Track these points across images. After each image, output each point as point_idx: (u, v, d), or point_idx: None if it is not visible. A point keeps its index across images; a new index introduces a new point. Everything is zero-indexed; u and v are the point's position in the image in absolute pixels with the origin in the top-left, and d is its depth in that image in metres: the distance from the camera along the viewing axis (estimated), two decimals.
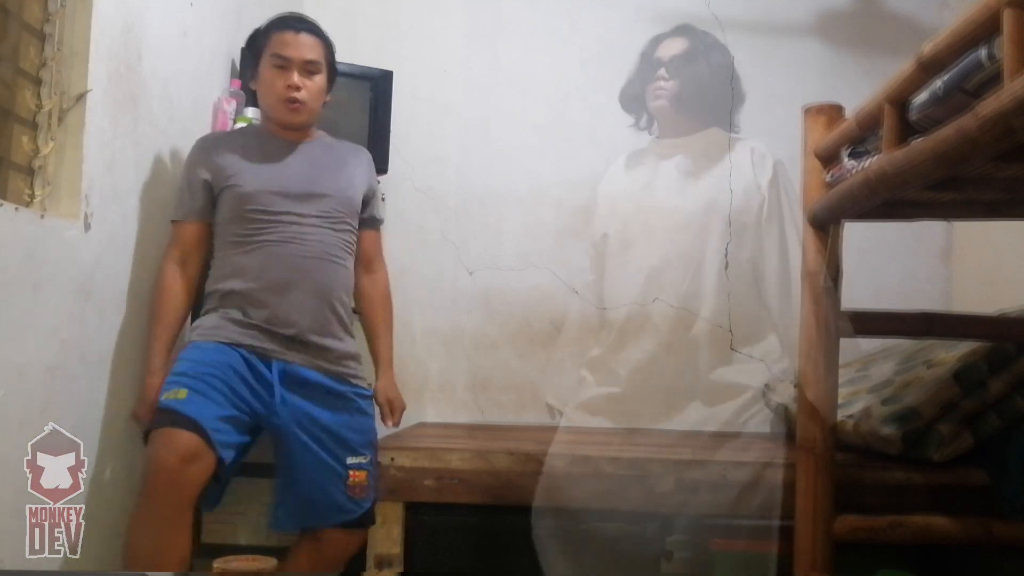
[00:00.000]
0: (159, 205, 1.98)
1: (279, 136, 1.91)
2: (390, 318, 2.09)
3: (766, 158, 2.65)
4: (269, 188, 1.84)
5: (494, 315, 2.80)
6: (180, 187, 1.89)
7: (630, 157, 2.77)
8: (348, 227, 1.94)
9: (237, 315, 1.80)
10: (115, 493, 1.80)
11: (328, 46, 1.91)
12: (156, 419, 1.68)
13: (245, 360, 1.77)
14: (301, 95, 1.85)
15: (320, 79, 1.89)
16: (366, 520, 1.86)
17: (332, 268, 1.88)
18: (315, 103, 1.89)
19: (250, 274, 1.80)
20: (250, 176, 1.84)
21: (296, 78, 1.84)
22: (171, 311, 1.83)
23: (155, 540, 1.58)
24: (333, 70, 1.94)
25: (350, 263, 1.95)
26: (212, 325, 1.80)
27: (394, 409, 2.02)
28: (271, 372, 1.78)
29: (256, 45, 1.89)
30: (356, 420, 1.87)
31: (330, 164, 1.93)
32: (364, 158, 2.02)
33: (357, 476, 1.82)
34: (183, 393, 1.67)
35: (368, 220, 2.03)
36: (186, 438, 1.62)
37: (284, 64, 1.84)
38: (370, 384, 1.99)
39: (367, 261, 2.04)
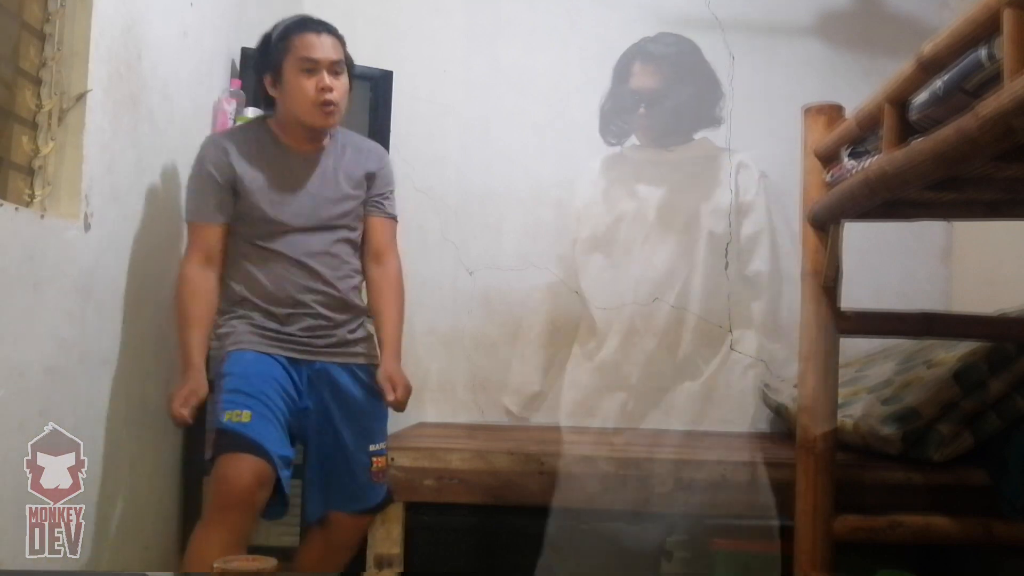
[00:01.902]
0: (159, 205, 1.98)
1: (293, 150, 1.88)
2: (399, 308, 2.00)
3: (750, 171, 2.63)
4: (282, 213, 1.84)
5: (494, 315, 2.80)
6: (193, 187, 1.85)
7: (607, 161, 2.73)
8: (351, 231, 1.92)
9: (265, 323, 1.81)
10: (115, 493, 1.80)
11: (345, 45, 1.89)
12: (223, 441, 1.68)
13: (282, 367, 1.79)
14: (334, 96, 1.82)
15: (345, 79, 1.87)
16: (385, 503, 1.90)
17: (340, 276, 1.88)
18: (344, 103, 1.87)
19: (264, 290, 1.83)
20: (264, 196, 1.83)
21: (327, 79, 1.81)
22: (205, 313, 1.81)
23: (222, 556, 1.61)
24: (352, 69, 1.92)
25: (355, 259, 1.94)
26: (246, 333, 1.80)
27: (396, 384, 1.86)
28: (301, 376, 1.81)
29: (275, 51, 1.84)
30: (374, 407, 1.89)
31: (338, 179, 1.91)
32: (373, 157, 1.98)
33: (379, 462, 1.86)
34: (247, 416, 1.68)
35: (375, 207, 1.97)
36: (257, 464, 1.64)
37: (313, 67, 1.81)
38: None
39: (376, 252, 1.97)
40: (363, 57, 2.51)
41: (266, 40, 1.87)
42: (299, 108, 1.83)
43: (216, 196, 1.82)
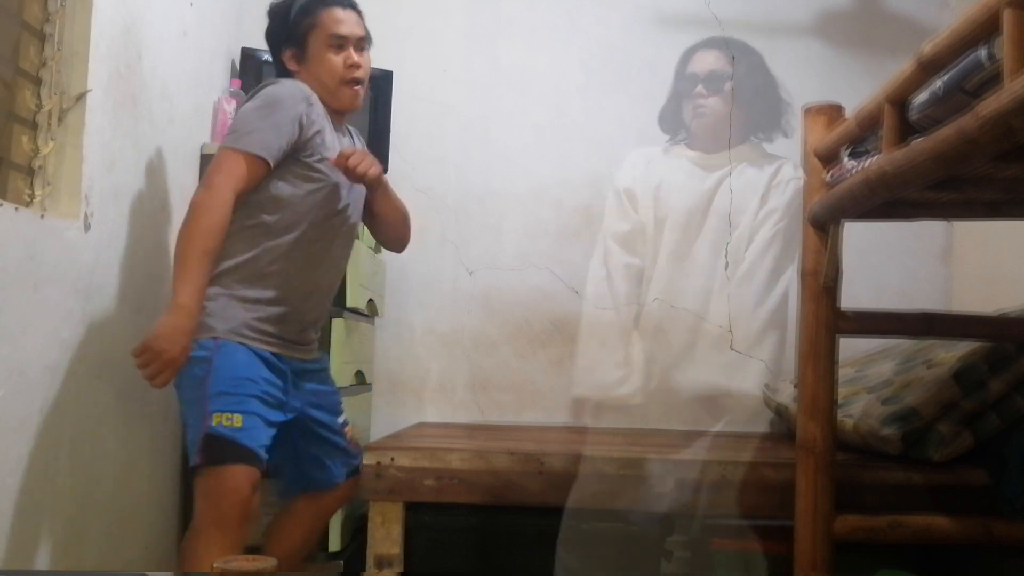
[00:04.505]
0: (159, 205, 1.98)
1: (336, 121, 1.82)
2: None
3: (790, 183, 2.63)
4: (344, 189, 1.79)
5: (494, 315, 2.80)
6: (268, 121, 1.68)
7: (653, 156, 2.75)
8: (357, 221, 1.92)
9: (262, 316, 1.72)
10: (115, 493, 1.80)
11: (364, 19, 1.85)
12: (216, 449, 1.60)
13: (268, 363, 1.72)
14: (361, 73, 1.79)
15: (368, 55, 1.83)
16: (359, 469, 1.94)
17: (341, 272, 1.91)
18: (367, 81, 1.84)
19: (280, 277, 1.73)
20: (332, 167, 1.75)
21: (355, 56, 1.77)
22: (217, 249, 1.65)
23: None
24: (371, 44, 1.87)
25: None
26: (241, 323, 1.69)
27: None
28: (286, 368, 1.76)
29: (298, 24, 1.77)
30: (332, 385, 1.94)
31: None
32: (356, 131, 1.99)
33: (349, 430, 1.92)
34: (239, 420, 1.62)
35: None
36: (253, 472, 1.62)
37: (342, 43, 1.76)
38: None
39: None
40: None
41: (284, 11, 1.79)
42: (327, 86, 1.77)
43: (287, 139, 1.69)
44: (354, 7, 1.82)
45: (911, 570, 1.82)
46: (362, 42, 1.80)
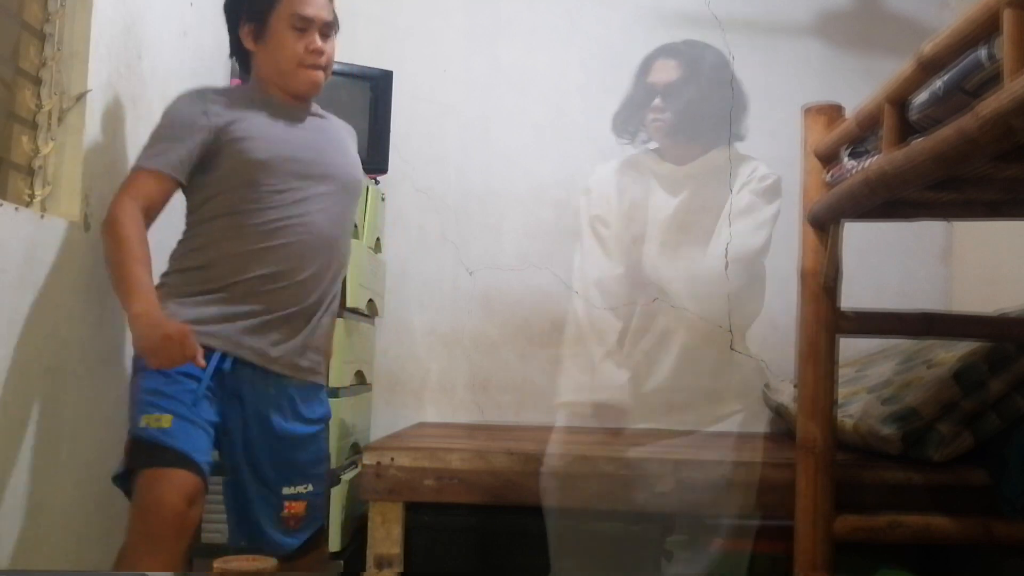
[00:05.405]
0: None
1: (286, 103, 1.68)
2: None
3: (766, 179, 2.61)
4: (283, 156, 1.61)
5: (494, 315, 2.80)
6: (163, 134, 1.59)
7: (623, 167, 2.70)
8: (352, 213, 1.76)
9: (214, 312, 1.57)
10: (113, 493, 1.79)
11: (333, 2, 1.72)
12: (142, 453, 1.46)
13: (214, 365, 1.54)
14: (323, 60, 1.65)
15: (333, 43, 1.69)
16: (307, 549, 1.70)
17: (337, 267, 1.68)
18: (330, 69, 1.69)
19: (246, 271, 1.58)
20: (262, 140, 1.60)
21: (318, 41, 1.63)
22: (145, 250, 1.52)
23: None
24: (338, 29, 1.73)
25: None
26: (190, 319, 1.54)
27: None
28: (236, 381, 1.58)
29: (261, 2, 1.65)
30: (306, 445, 1.68)
31: (336, 140, 1.74)
32: (355, 140, 1.84)
33: (293, 507, 1.65)
34: (167, 421, 1.46)
35: None
36: (187, 480, 1.44)
37: (305, 26, 1.62)
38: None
39: None
40: (363, 57, 2.52)
41: None
42: (283, 69, 1.64)
43: (189, 152, 1.57)
44: None
45: (911, 570, 1.82)
46: (328, 28, 1.66)
